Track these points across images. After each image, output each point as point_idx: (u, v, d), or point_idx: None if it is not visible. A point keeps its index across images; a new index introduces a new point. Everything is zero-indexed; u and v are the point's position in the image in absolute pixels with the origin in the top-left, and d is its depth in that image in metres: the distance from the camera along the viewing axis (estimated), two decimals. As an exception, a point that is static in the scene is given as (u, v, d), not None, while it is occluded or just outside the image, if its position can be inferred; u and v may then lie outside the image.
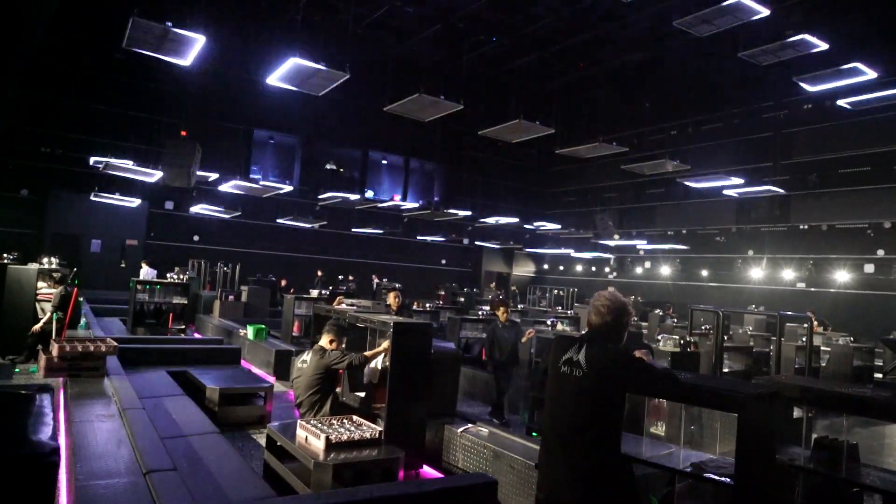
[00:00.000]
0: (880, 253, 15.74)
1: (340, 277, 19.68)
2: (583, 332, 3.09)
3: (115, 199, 16.18)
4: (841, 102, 10.79)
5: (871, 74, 8.98)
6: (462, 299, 18.09)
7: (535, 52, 16.49)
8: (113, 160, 13.38)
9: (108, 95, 17.22)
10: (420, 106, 9.33)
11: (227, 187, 15.66)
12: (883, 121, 15.76)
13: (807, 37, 8.22)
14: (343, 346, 5.39)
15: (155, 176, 14.00)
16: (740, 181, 14.18)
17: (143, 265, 15.28)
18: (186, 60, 7.96)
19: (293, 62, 7.84)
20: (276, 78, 8.42)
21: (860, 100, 10.52)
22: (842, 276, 16.28)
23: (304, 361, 5.15)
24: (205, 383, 6.60)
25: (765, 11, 7.64)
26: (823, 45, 8.31)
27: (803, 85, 9.71)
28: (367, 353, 5.27)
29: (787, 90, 17.81)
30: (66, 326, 6.95)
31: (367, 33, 18.44)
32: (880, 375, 11.60)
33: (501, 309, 8.10)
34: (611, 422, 2.74)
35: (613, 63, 17.12)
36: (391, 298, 8.50)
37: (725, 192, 15.56)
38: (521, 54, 16.77)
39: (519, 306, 16.95)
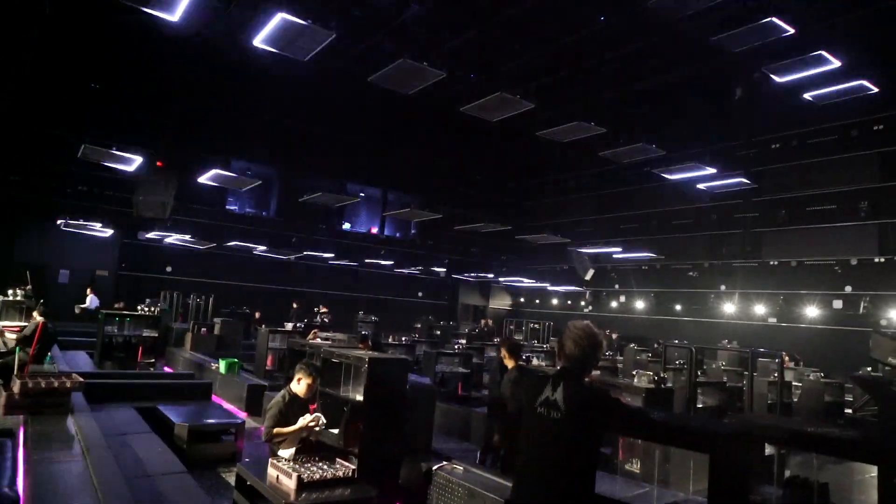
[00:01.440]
0: (848, 289, 16.10)
1: (315, 310, 19.48)
2: (558, 369, 3.05)
3: (86, 230, 15.93)
4: (807, 96, 11.15)
5: (836, 63, 8.99)
6: (438, 332, 18.01)
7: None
8: (98, 148, 12.98)
9: (82, 125, 17.07)
10: (404, 74, 8.91)
11: (205, 178, 14.83)
12: (846, 160, 16.37)
13: (775, 20, 8.22)
14: (316, 386, 5.20)
15: (135, 162, 13.63)
16: (712, 170, 14.46)
17: (89, 292, 15.32)
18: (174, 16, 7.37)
19: (280, 17, 7.29)
20: (261, 39, 7.78)
21: (824, 92, 10.81)
22: (811, 311, 16.59)
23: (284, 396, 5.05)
24: (173, 420, 6.44)
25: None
26: (790, 30, 8.27)
27: (773, 77, 9.91)
28: (280, 431, 4.65)
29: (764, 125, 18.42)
30: (31, 361, 6.74)
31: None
32: (850, 411, 11.76)
33: (509, 356, 6.32)
34: (588, 462, 2.74)
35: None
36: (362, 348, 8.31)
37: (699, 186, 15.77)
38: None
39: (495, 340, 16.93)
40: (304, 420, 4.63)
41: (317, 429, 4.74)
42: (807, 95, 10.78)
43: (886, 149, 15.75)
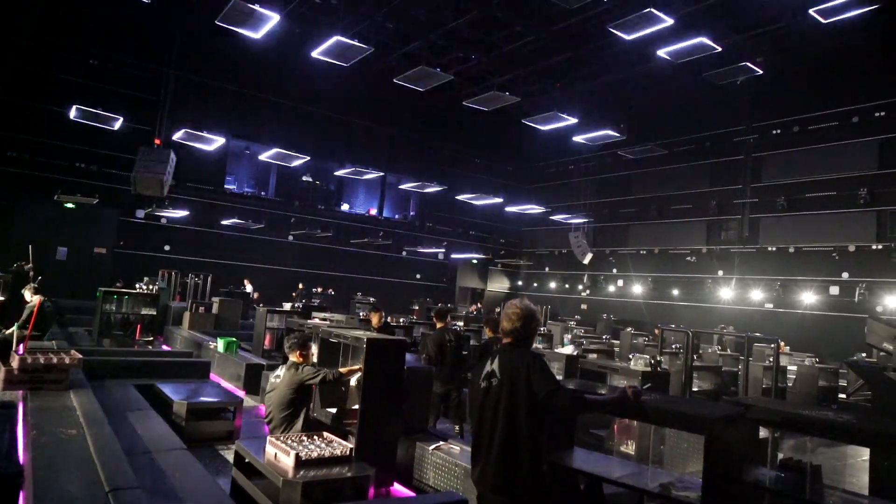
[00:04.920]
0: (845, 276, 16.16)
1: (314, 290, 19.50)
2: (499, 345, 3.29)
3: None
4: (661, 52, 11.65)
5: (668, 21, 10.05)
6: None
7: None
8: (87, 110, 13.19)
9: (80, 100, 16.95)
10: (422, 76, 12.86)
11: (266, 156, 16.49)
12: (849, 147, 16.34)
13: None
14: (314, 358, 5.32)
15: (117, 122, 14.42)
16: (574, 120, 15.00)
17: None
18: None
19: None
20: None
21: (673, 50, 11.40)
22: (808, 297, 16.65)
23: (278, 377, 5.07)
24: (172, 397, 6.47)
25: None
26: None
27: (618, 33, 10.77)
28: (343, 370, 5.21)
29: (758, 116, 18.39)
30: (29, 337, 6.76)
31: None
32: (844, 396, 11.86)
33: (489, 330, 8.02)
34: (529, 426, 2.82)
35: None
36: (374, 318, 8.47)
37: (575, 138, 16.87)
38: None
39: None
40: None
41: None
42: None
43: (885, 136, 15.72)
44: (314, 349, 5.75)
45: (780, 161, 18.01)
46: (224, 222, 19.29)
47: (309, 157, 17.37)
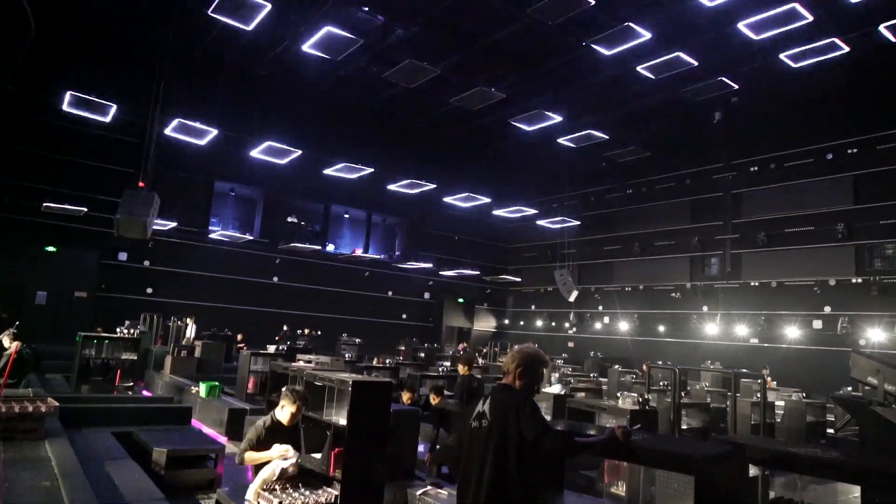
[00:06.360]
0: (827, 309, 16.33)
1: (299, 332, 19.29)
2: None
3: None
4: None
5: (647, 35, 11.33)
6: (423, 354, 17.90)
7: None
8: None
9: (62, 145, 16.91)
10: (410, 72, 13.54)
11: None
12: (825, 183, 16.73)
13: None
14: (300, 414, 5.09)
15: (110, 112, 14.32)
16: (559, 118, 15.26)
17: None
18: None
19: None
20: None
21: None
22: (792, 331, 16.77)
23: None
24: (151, 445, 6.29)
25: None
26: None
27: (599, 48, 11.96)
28: (252, 456, 4.40)
29: (735, 154, 18.84)
30: (3, 385, 6.58)
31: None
32: (832, 431, 11.84)
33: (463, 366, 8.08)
34: (518, 470, 2.79)
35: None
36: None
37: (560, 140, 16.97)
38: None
39: (480, 361, 16.85)
40: (279, 449, 4.36)
41: (286, 462, 4.43)
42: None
43: (859, 172, 16.14)
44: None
45: (758, 197, 18.37)
46: (208, 265, 19.14)
47: (301, 152, 16.99)
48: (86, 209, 15.97)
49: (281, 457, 4.35)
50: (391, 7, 14.47)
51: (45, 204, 15.36)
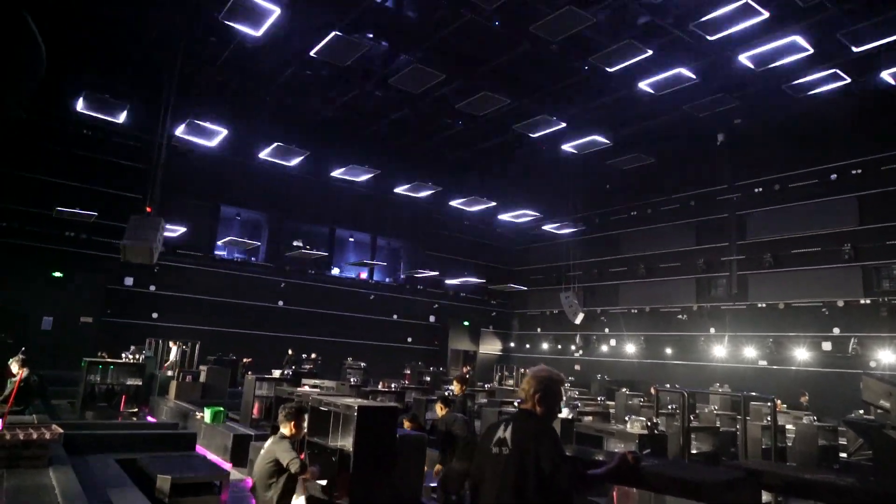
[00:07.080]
0: (836, 331, 16.18)
1: (304, 356, 19.21)
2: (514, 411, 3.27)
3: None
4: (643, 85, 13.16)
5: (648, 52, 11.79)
6: (428, 378, 17.78)
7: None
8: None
9: (69, 170, 17.08)
10: (415, 76, 13.83)
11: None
12: (830, 204, 16.71)
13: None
14: (304, 430, 5.16)
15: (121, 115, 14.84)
16: (562, 124, 15.85)
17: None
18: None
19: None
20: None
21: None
22: (801, 353, 16.60)
23: (264, 447, 4.93)
24: (155, 472, 6.24)
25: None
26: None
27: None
28: (304, 474, 4.79)
29: (739, 175, 18.85)
30: (8, 413, 6.57)
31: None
32: (845, 455, 11.63)
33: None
34: (539, 501, 2.74)
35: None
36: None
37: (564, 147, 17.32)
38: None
39: (486, 385, 16.71)
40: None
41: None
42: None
43: (864, 193, 16.11)
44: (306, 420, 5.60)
45: (764, 218, 18.34)
46: (214, 289, 19.17)
47: (308, 153, 17.37)
48: (95, 214, 16.03)
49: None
50: (394, 34, 14.68)
51: (56, 208, 15.46)
